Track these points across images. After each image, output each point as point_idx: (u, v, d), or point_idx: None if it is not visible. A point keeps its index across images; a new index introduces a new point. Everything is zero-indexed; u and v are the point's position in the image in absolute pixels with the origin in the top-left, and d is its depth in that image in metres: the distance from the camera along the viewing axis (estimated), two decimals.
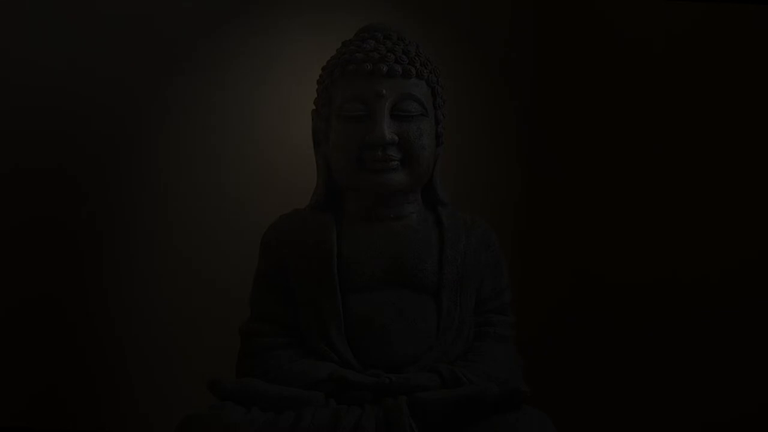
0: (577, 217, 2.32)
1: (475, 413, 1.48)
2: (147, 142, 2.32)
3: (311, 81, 1.76)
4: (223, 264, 2.25)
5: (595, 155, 2.34)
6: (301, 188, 1.85)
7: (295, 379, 1.57)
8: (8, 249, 2.30)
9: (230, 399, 1.52)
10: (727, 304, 2.30)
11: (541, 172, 2.34)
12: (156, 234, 2.31)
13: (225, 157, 2.32)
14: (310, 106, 1.76)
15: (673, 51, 2.36)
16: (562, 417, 1.57)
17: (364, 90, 1.65)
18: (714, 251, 2.32)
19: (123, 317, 2.29)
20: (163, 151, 2.32)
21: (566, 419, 1.62)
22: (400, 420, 1.47)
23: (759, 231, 2.33)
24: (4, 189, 2.30)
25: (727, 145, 2.34)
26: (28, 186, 2.30)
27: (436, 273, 1.65)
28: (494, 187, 2.31)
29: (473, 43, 2.35)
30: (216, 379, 1.55)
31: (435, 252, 1.67)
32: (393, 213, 1.69)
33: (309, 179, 1.78)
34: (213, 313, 2.22)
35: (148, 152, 2.32)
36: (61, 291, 2.29)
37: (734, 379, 2.30)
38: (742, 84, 2.35)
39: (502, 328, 1.71)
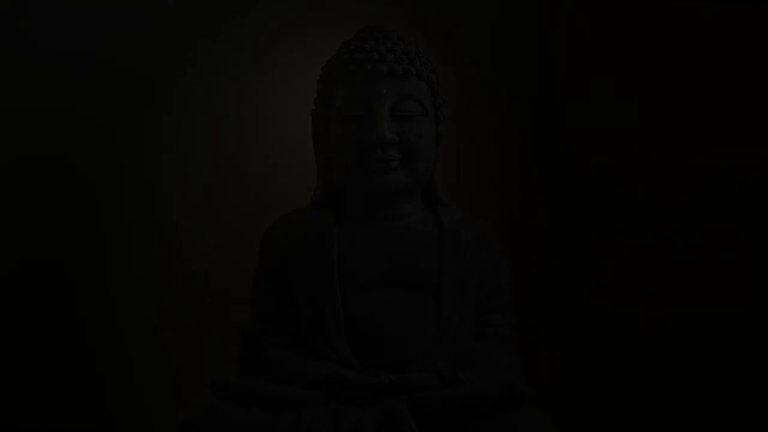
0: (577, 216, 2.33)
1: (475, 413, 1.48)
2: (147, 143, 2.32)
3: (311, 81, 1.76)
4: (223, 264, 2.25)
5: (596, 153, 2.34)
6: (301, 188, 1.85)
7: (295, 379, 1.57)
8: (9, 249, 2.30)
9: (230, 399, 1.52)
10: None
11: (541, 171, 2.34)
12: (156, 234, 2.31)
13: (225, 157, 2.32)
14: (310, 106, 1.76)
15: (674, 51, 2.36)
16: (562, 417, 1.57)
17: (365, 90, 1.64)
18: None
19: (123, 317, 2.29)
20: (163, 152, 2.32)
21: (566, 419, 1.62)
22: (400, 420, 1.47)
23: None
24: (6, 188, 2.31)
25: None
26: (29, 186, 2.31)
27: (435, 273, 1.65)
28: (494, 186, 2.31)
29: (473, 43, 2.36)
30: (216, 379, 1.56)
31: (435, 252, 1.67)
32: (393, 213, 1.69)
33: (309, 179, 1.78)
34: (213, 313, 2.22)
35: (148, 153, 2.32)
36: (61, 292, 2.29)
37: (735, 379, 2.30)
38: (742, 84, 2.35)
39: (503, 328, 1.71)
